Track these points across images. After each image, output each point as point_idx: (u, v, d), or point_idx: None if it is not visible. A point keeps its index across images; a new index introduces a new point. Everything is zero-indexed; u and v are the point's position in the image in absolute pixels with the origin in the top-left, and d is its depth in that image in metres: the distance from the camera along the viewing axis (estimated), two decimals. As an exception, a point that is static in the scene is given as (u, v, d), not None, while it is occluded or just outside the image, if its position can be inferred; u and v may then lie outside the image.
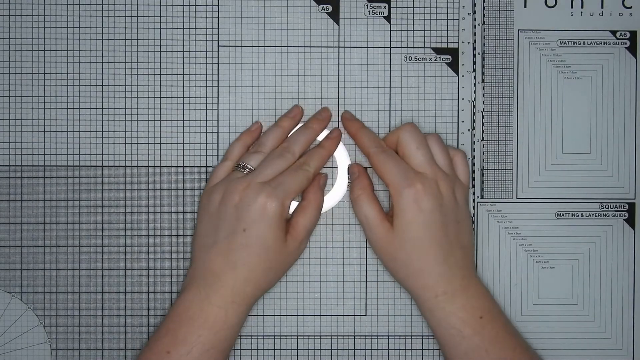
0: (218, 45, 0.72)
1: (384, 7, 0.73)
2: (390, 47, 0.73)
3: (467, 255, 0.69)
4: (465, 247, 0.68)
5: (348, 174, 0.72)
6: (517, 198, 0.73)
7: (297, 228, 0.68)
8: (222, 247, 0.67)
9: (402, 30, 0.73)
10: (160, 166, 0.72)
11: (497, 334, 0.67)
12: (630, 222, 0.73)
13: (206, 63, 0.72)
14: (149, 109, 0.72)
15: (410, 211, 0.66)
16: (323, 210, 0.72)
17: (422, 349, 0.73)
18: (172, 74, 0.72)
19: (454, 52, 0.73)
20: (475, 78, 0.73)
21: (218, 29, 0.72)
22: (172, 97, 0.72)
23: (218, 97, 0.72)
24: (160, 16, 0.72)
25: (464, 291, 0.67)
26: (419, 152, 0.68)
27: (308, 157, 0.70)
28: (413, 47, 0.73)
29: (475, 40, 0.73)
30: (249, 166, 0.68)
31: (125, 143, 0.72)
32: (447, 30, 0.73)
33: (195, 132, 0.72)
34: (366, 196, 0.69)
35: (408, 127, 0.69)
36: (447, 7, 0.73)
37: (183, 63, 0.72)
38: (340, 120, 0.72)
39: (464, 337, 0.66)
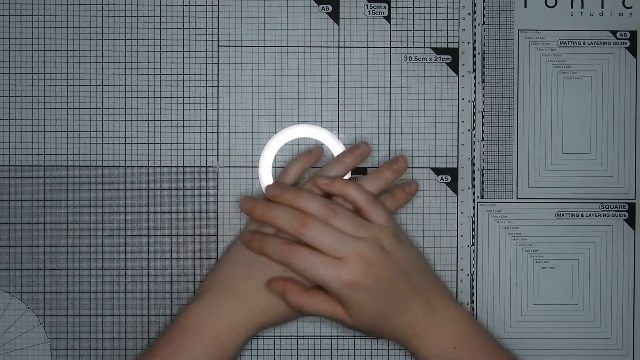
0: (218, 45, 0.72)
1: (384, 7, 0.73)
2: (390, 47, 0.73)
3: (425, 289, 0.67)
4: (418, 283, 0.67)
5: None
6: (517, 198, 0.73)
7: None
8: (249, 271, 0.66)
9: (402, 30, 0.73)
10: (160, 166, 0.72)
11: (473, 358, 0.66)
12: (630, 222, 0.73)
13: (206, 63, 0.72)
14: (149, 109, 0.72)
15: (357, 299, 0.64)
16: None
17: (422, 349, 0.73)
18: (172, 74, 0.72)
19: (454, 52, 0.73)
20: (475, 78, 0.73)
21: (218, 29, 0.72)
22: (172, 97, 0.72)
23: (218, 97, 0.72)
24: (160, 16, 0.72)
25: (433, 327, 0.66)
26: (338, 240, 0.64)
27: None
28: (413, 47, 0.73)
29: (475, 40, 0.73)
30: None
31: (125, 143, 0.72)
32: (447, 30, 0.73)
33: (195, 132, 0.72)
34: (306, 297, 0.65)
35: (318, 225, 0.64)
36: (447, 7, 0.73)
37: (183, 63, 0.72)
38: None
39: None
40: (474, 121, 0.73)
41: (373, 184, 0.69)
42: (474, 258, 0.73)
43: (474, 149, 0.73)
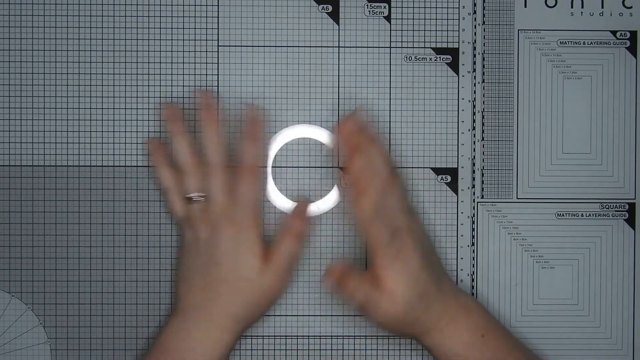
0: (218, 45, 0.72)
1: (384, 7, 0.73)
2: (390, 47, 0.73)
3: (442, 268, 0.69)
4: (434, 254, 0.69)
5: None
6: (517, 198, 0.73)
7: (274, 257, 0.66)
8: (200, 282, 0.66)
9: (402, 30, 0.73)
10: (160, 166, 0.72)
11: (499, 349, 0.66)
12: (630, 222, 0.73)
13: (206, 63, 0.72)
14: (148, 109, 0.72)
15: (398, 266, 0.65)
16: (324, 209, 0.72)
17: (422, 349, 0.73)
18: (172, 74, 0.72)
19: (454, 52, 0.73)
20: (475, 78, 0.73)
21: (218, 29, 0.72)
22: (172, 97, 0.72)
23: (218, 97, 0.72)
24: (160, 16, 0.72)
25: (462, 311, 0.67)
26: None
27: (242, 157, 0.67)
28: (413, 47, 0.73)
29: (475, 40, 0.73)
30: (199, 195, 0.67)
31: (125, 143, 0.72)
32: (447, 30, 0.73)
33: (195, 132, 0.72)
34: (352, 278, 0.65)
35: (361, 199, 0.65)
36: (447, 7, 0.73)
37: (183, 63, 0.72)
38: (340, 123, 0.72)
39: None
40: (474, 121, 0.73)
41: (214, 136, 0.68)
42: (474, 258, 0.73)
43: (474, 149, 0.73)
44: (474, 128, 0.73)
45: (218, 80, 0.72)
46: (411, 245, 0.65)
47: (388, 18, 0.73)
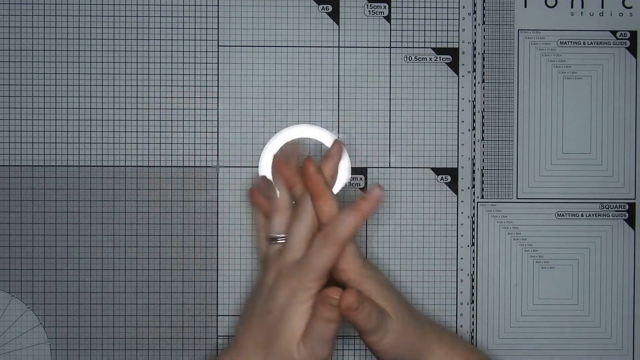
0: (218, 45, 0.72)
1: (384, 7, 0.73)
2: (390, 47, 0.73)
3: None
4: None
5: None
6: (517, 198, 0.73)
7: (307, 337, 0.64)
8: (255, 326, 0.65)
9: (402, 30, 0.73)
10: (160, 166, 0.72)
11: None
12: (630, 222, 0.73)
13: (206, 63, 0.72)
14: (149, 109, 0.72)
15: (379, 288, 0.66)
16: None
17: (422, 349, 0.73)
18: (172, 74, 0.72)
19: (454, 52, 0.73)
20: (475, 78, 0.73)
21: (218, 29, 0.72)
22: (172, 97, 0.72)
23: (218, 97, 0.72)
24: (160, 16, 0.72)
25: (456, 337, 0.70)
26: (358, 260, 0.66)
27: (334, 224, 0.64)
28: (413, 47, 0.73)
29: (475, 40, 0.73)
30: (280, 238, 0.66)
31: (125, 143, 0.72)
32: (447, 30, 0.73)
33: (195, 132, 0.72)
34: (368, 300, 0.64)
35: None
36: (447, 7, 0.73)
37: (183, 63, 0.72)
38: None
39: None
40: (474, 121, 0.73)
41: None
42: (474, 258, 0.73)
43: (474, 149, 0.73)
44: (474, 128, 0.73)
45: (218, 80, 0.72)
46: (371, 265, 0.67)
47: (388, 18, 0.73)
